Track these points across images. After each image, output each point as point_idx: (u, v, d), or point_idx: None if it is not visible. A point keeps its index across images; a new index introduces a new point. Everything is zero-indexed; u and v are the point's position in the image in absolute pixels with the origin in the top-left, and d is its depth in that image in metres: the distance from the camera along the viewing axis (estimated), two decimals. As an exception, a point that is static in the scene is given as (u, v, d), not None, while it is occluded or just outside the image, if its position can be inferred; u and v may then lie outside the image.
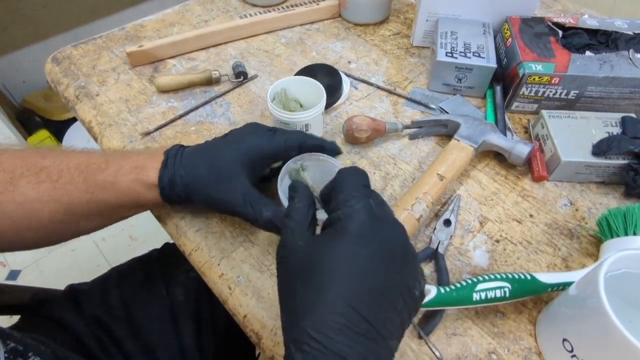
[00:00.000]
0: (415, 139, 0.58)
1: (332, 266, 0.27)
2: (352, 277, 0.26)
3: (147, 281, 0.60)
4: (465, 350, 0.39)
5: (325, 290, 0.26)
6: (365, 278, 0.26)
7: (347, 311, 0.25)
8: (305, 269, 0.27)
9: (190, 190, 0.40)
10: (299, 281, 0.27)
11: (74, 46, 0.72)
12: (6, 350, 0.32)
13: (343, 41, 0.74)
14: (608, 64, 0.55)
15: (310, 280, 0.27)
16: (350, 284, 0.26)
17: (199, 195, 0.40)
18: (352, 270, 0.26)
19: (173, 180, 0.39)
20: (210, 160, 0.40)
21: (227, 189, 0.39)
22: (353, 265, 0.27)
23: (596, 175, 0.52)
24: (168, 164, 0.40)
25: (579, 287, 0.36)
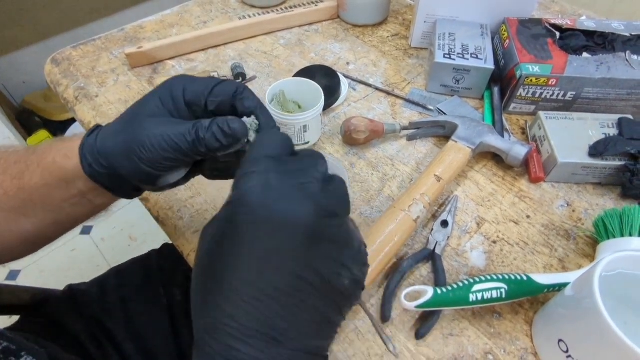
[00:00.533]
0: (413, 140, 0.59)
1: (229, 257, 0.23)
2: (243, 275, 0.23)
3: (146, 282, 0.61)
4: (461, 351, 0.40)
5: (219, 290, 0.23)
6: (261, 271, 0.23)
7: (246, 307, 0.22)
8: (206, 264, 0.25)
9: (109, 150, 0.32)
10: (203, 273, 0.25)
11: (73, 47, 0.72)
12: (1, 349, 0.32)
13: (342, 42, 0.75)
14: (605, 65, 0.56)
15: (209, 277, 0.24)
16: (246, 276, 0.23)
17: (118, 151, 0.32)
18: (240, 266, 0.23)
19: (92, 145, 0.32)
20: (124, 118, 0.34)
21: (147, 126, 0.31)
22: (242, 261, 0.23)
23: (593, 177, 0.52)
24: (89, 135, 0.34)
25: (575, 288, 0.36)
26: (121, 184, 0.34)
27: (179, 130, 0.30)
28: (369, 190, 0.52)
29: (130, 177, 0.32)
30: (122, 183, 0.34)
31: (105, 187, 0.34)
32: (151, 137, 0.30)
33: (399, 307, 0.42)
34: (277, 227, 0.23)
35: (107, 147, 0.32)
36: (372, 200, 0.51)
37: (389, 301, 0.42)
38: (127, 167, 0.31)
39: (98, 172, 0.32)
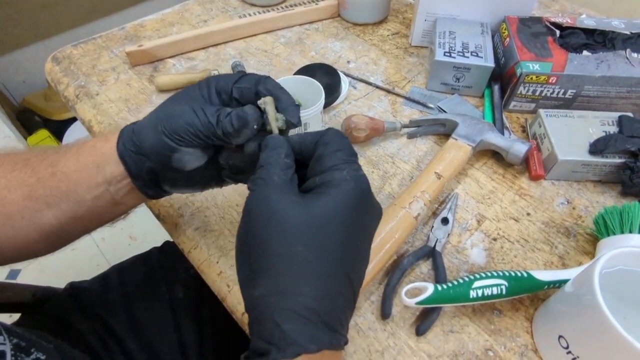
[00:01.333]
0: (414, 138, 0.59)
1: (336, 227, 0.26)
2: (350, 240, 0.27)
3: (147, 279, 0.61)
4: (462, 348, 0.40)
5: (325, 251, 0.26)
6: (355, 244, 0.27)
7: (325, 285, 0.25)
8: (303, 227, 0.26)
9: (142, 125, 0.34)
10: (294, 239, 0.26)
11: (73, 46, 0.72)
12: (12, 346, 0.32)
13: (342, 41, 0.75)
14: (605, 63, 0.56)
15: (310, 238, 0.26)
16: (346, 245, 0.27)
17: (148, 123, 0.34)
18: (350, 233, 0.26)
19: (132, 126, 0.35)
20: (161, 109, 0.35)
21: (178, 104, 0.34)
22: (351, 230, 0.27)
23: (593, 174, 0.52)
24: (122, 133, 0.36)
25: (575, 284, 0.36)
26: (143, 169, 0.34)
27: (204, 109, 0.32)
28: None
29: (151, 150, 0.33)
30: (144, 167, 0.34)
31: (129, 171, 0.34)
32: (178, 111, 0.33)
33: (399, 303, 0.42)
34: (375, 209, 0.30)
35: (142, 123, 0.34)
36: (373, 198, 0.51)
37: (390, 298, 0.42)
38: (150, 137, 0.33)
39: (127, 152, 0.34)
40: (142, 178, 0.35)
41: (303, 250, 0.25)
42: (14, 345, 0.33)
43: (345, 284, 0.27)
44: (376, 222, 0.30)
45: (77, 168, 0.35)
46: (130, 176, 0.35)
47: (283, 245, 0.25)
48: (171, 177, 0.36)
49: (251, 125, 0.32)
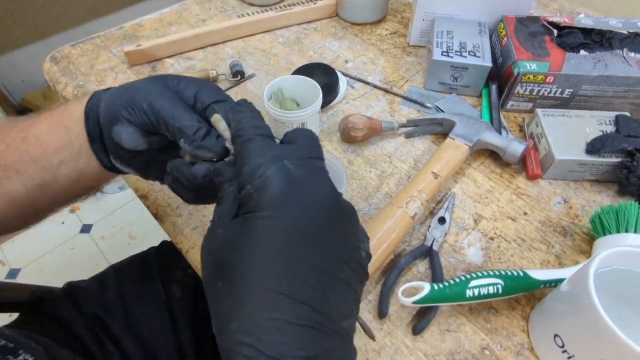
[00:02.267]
0: (411, 137, 0.59)
1: (250, 253, 0.23)
2: (276, 259, 0.22)
3: (145, 279, 0.61)
4: (458, 347, 0.40)
5: (247, 283, 0.22)
6: (291, 256, 0.22)
7: (278, 301, 0.21)
8: (223, 262, 0.23)
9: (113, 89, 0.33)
10: (220, 277, 0.23)
11: (72, 45, 0.72)
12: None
13: (340, 40, 0.75)
14: (602, 62, 0.56)
15: (230, 274, 0.23)
16: (274, 267, 0.22)
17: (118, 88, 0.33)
18: (273, 251, 0.22)
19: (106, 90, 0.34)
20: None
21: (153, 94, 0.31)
22: (273, 246, 0.22)
23: (590, 173, 0.52)
24: (95, 94, 0.35)
25: (570, 283, 0.36)
26: (97, 131, 0.33)
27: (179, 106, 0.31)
28: (367, 188, 0.53)
29: (103, 114, 0.32)
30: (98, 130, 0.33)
31: (88, 130, 0.34)
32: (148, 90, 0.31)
33: (396, 303, 0.42)
34: (306, 210, 0.23)
35: (116, 88, 0.33)
36: (370, 198, 0.52)
37: (387, 297, 0.42)
38: (108, 101, 0.32)
39: (92, 111, 0.33)
40: (97, 141, 0.34)
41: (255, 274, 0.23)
42: (1, 347, 0.33)
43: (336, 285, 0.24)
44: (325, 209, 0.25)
45: (48, 131, 0.34)
46: (89, 137, 0.34)
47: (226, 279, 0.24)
48: (113, 147, 0.34)
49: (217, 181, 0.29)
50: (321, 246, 0.23)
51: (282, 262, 0.22)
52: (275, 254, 0.22)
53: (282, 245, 0.23)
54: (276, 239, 0.23)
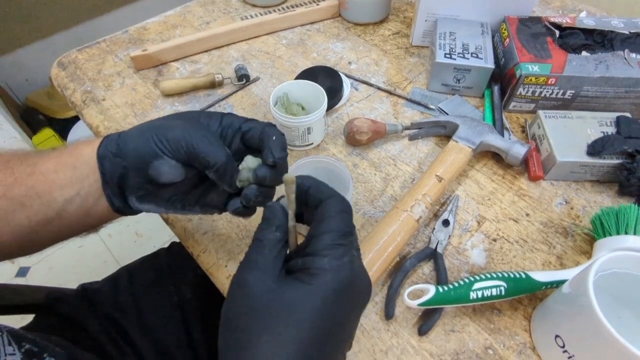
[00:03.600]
0: (415, 139, 0.60)
1: (304, 319, 0.25)
2: (318, 333, 0.26)
3: (156, 280, 0.62)
4: (462, 346, 0.41)
5: (288, 342, 0.25)
6: (328, 335, 0.26)
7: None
8: (273, 314, 0.25)
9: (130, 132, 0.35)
10: (261, 326, 0.25)
11: (78, 50, 0.73)
12: (22, 353, 0.33)
13: (343, 41, 0.75)
14: (604, 64, 0.56)
15: (276, 327, 0.25)
16: (315, 338, 0.25)
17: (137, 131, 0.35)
18: (320, 326, 0.26)
19: (119, 133, 0.36)
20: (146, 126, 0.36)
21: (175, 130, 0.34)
22: (322, 322, 0.26)
23: (591, 174, 0.53)
24: (107, 137, 0.36)
25: (571, 286, 0.37)
26: (116, 173, 0.34)
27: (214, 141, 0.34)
28: (372, 190, 0.54)
29: (133, 152, 0.34)
30: (118, 170, 0.34)
31: (103, 173, 0.35)
32: (177, 125, 0.34)
33: (402, 304, 0.44)
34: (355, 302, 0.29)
35: (130, 130, 0.35)
36: (375, 200, 0.53)
37: (393, 299, 0.43)
38: (137, 140, 0.34)
39: (107, 154, 0.34)
40: (112, 184, 0.35)
41: (267, 339, 0.25)
42: (26, 351, 0.34)
43: None
44: (361, 302, 0.29)
45: (55, 169, 0.35)
46: (102, 180, 0.35)
47: (249, 332, 0.26)
48: (139, 186, 0.35)
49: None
50: (347, 333, 0.28)
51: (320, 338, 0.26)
52: (321, 329, 0.26)
53: (327, 325, 0.26)
54: (326, 318, 0.26)
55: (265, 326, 0.25)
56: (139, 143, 0.34)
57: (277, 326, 0.25)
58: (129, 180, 0.35)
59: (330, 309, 0.26)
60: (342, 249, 0.27)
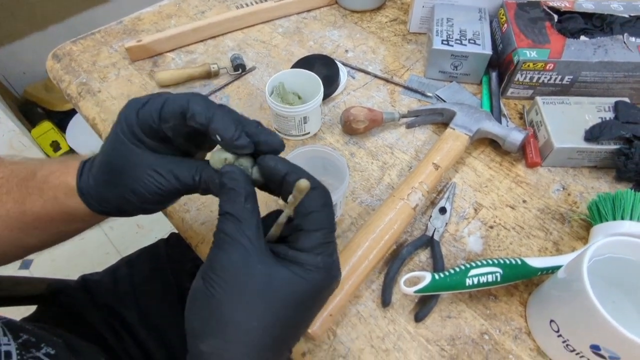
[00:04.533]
0: (412, 127, 0.59)
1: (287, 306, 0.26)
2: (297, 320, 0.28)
3: (156, 271, 0.63)
4: (459, 332, 0.42)
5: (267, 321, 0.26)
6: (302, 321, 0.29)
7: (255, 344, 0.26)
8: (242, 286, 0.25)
9: (111, 200, 0.33)
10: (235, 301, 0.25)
11: (73, 42, 0.72)
12: (18, 343, 0.34)
13: (340, 29, 0.74)
14: (602, 48, 0.56)
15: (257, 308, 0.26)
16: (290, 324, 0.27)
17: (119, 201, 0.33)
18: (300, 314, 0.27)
19: (91, 190, 0.33)
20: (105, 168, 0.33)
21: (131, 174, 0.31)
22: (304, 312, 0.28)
23: (588, 160, 0.53)
24: (81, 177, 0.34)
25: (566, 271, 0.38)
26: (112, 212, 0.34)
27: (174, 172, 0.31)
28: (369, 179, 0.54)
29: (122, 211, 0.34)
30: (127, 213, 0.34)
31: (101, 212, 0.34)
32: (143, 187, 0.31)
33: (399, 291, 0.44)
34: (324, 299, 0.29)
35: (108, 197, 0.33)
36: (372, 189, 0.53)
37: (390, 286, 0.44)
38: (131, 208, 0.33)
39: (106, 210, 0.34)
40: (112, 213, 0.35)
41: (257, 325, 0.26)
42: (21, 343, 0.34)
43: (285, 353, 0.29)
44: (330, 294, 0.30)
45: (47, 213, 0.35)
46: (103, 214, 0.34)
47: (238, 314, 0.25)
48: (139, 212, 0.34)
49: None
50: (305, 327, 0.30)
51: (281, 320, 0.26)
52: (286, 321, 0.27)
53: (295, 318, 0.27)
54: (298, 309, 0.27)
55: (254, 312, 0.26)
56: (134, 207, 0.32)
57: (267, 314, 0.26)
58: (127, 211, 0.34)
59: (314, 301, 0.28)
60: (331, 245, 0.28)
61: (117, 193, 0.32)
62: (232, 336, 0.25)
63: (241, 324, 0.25)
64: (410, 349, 0.41)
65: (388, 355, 0.40)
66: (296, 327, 0.28)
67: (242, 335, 0.25)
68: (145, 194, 0.31)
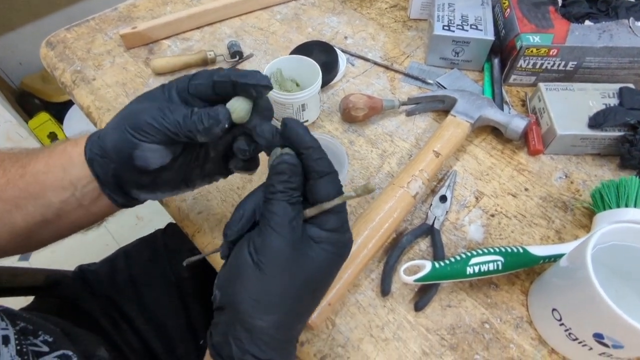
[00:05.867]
0: (412, 115, 0.58)
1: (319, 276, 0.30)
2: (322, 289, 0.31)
3: (153, 260, 0.62)
4: (459, 321, 0.41)
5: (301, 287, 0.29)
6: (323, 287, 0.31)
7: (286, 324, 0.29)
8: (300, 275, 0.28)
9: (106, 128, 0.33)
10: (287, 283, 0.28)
11: (67, 29, 0.71)
12: (16, 330, 0.34)
13: (339, 15, 0.73)
14: (607, 33, 0.54)
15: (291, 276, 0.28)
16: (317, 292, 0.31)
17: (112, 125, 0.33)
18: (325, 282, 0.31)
19: (99, 131, 0.34)
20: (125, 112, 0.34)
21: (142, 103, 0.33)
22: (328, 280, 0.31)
23: (592, 148, 0.52)
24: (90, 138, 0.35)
25: (569, 259, 0.37)
26: (108, 172, 0.34)
27: (170, 107, 0.31)
28: (369, 167, 0.53)
29: (113, 149, 0.32)
30: (110, 170, 0.33)
31: (97, 176, 0.34)
32: (140, 108, 0.32)
33: (399, 280, 0.43)
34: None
35: (107, 126, 0.33)
36: (372, 177, 0.52)
37: (389, 275, 0.43)
38: (112, 136, 0.32)
39: (94, 156, 0.33)
40: (109, 183, 0.34)
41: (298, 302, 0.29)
42: (19, 330, 0.34)
43: (304, 320, 0.31)
44: None
45: (45, 170, 0.35)
46: (99, 182, 0.34)
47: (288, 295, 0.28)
48: (135, 179, 0.34)
49: (222, 124, 0.31)
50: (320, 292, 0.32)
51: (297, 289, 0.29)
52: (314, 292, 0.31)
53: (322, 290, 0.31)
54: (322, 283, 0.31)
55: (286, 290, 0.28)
56: (116, 139, 0.32)
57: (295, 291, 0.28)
58: (123, 176, 0.34)
59: (335, 273, 0.31)
60: (347, 224, 0.31)
61: (118, 116, 0.33)
62: (283, 314, 0.28)
63: (289, 304, 0.28)
64: (410, 338, 0.40)
65: (387, 344, 0.40)
66: (320, 297, 0.32)
67: (290, 313, 0.29)
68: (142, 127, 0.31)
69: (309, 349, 0.40)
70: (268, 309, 0.28)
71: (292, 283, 0.28)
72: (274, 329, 0.28)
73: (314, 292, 0.30)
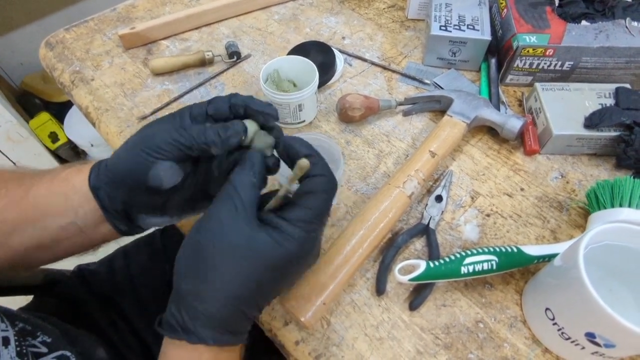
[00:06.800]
0: (409, 115, 0.59)
1: (263, 265, 0.29)
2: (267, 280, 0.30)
3: (151, 260, 0.63)
4: (453, 320, 0.41)
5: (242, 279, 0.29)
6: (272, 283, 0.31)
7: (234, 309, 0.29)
8: (237, 254, 0.29)
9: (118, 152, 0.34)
10: (224, 261, 0.28)
11: (66, 30, 0.71)
12: (15, 331, 0.34)
13: (337, 16, 0.73)
14: (604, 33, 0.55)
15: (237, 265, 0.29)
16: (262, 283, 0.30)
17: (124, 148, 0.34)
18: (270, 275, 0.30)
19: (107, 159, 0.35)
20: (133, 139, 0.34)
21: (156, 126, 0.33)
22: (273, 273, 0.30)
23: (588, 148, 0.52)
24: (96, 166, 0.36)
25: (562, 259, 0.37)
26: (116, 200, 0.34)
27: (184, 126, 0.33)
28: (365, 167, 0.53)
29: (126, 172, 0.33)
30: (118, 198, 0.34)
31: (101, 204, 0.34)
32: (156, 129, 0.33)
33: (393, 280, 0.44)
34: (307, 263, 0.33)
35: (117, 152, 0.34)
36: (368, 177, 0.52)
37: (384, 275, 0.43)
38: (126, 158, 0.33)
39: (100, 184, 0.34)
40: (115, 211, 0.35)
41: (233, 275, 0.29)
42: (19, 329, 0.34)
43: (254, 311, 0.31)
44: (304, 269, 0.34)
45: (47, 195, 0.35)
46: (103, 209, 0.34)
47: (219, 262, 0.29)
48: (147, 202, 0.35)
49: (240, 135, 0.32)
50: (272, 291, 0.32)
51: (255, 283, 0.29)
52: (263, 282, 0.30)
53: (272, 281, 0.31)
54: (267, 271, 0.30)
55: (228, 261, 0.29)
56: (130, 161, 0.33)
57: (238, 264, 0.29)
58: (134, 200, 0.35)
59: (286, 268, 0.31)
60: (313, 226, 0.30)
61: (131, 140, 0.33)
62: (210, 280, 0.29)
63: (220, 270, 0.29)
64: (405, 338, 0.40)
65: (382, 343, 0.40)
66: (267, 288, 0.31)
67: (219, 281, 0.29)
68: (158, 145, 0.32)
69: (303, 348, 0.40)
70: (196, 274, 0.29)
71: (228, 256, 0.29)
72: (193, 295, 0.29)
73: (255, 277, 0.29)
